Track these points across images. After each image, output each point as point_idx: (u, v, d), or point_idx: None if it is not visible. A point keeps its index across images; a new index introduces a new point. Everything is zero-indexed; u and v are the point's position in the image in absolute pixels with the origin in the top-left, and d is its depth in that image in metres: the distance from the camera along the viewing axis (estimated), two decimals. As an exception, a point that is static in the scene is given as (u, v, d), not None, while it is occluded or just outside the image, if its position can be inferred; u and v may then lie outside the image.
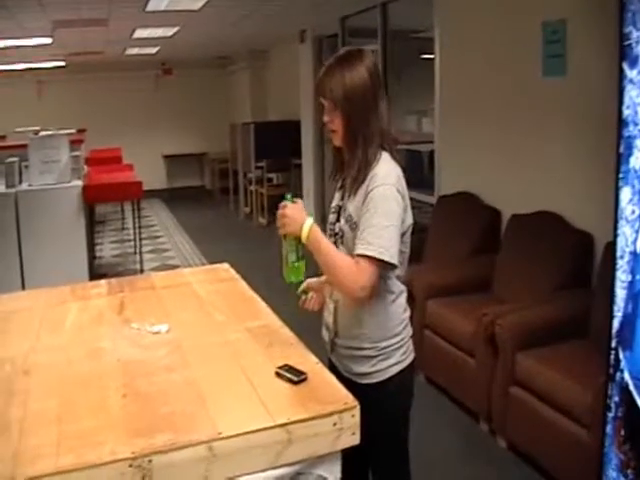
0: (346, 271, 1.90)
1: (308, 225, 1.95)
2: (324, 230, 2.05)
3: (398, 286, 2.08)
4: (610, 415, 2.24)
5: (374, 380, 2.06)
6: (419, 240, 5.18)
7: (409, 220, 2.02)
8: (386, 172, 1.96)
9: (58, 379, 1.98)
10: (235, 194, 11.24)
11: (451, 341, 4.06)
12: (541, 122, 4.28)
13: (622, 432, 2.18)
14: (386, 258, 1.87)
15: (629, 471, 2.12)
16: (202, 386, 1.89)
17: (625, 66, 2.10)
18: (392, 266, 1.92)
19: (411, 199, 2.05)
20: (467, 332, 3.83)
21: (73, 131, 7.96)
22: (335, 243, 2.07)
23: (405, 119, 7.10)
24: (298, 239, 1.98)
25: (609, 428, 2.25)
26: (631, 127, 2.10)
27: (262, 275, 5.40)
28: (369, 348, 2.06)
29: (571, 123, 4.00)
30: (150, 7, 6.25)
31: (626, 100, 2.11)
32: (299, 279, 2.07)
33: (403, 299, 2.11)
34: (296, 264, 2.03)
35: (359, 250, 1.90)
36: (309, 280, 2.35)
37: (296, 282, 2.08)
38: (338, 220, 2.10)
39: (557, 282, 3.83)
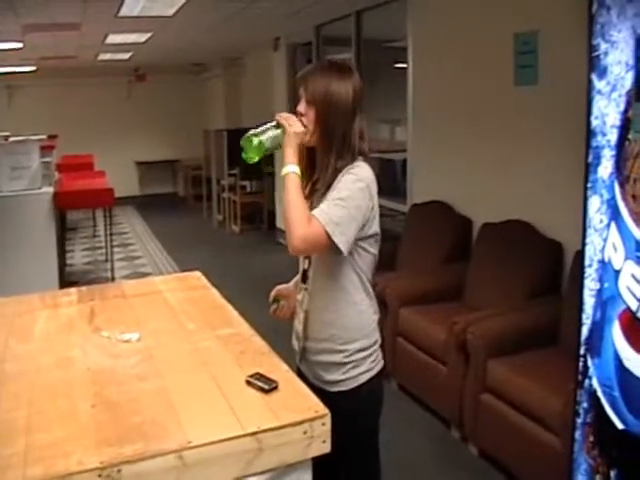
0: (300, 216, 1.92)
1: (294, 167, 1.99)
2: None
3: (367, 287, 2.09)
4: (579, 421, 2.27)
5: (344, 388, 2.08)
6: (392, 248, 5.21)
7: (375, 228, 2.04)
8: (362, 171, 1.99)
9: (27, 388, 1.95)
10: (208, 201, 11.20)
11: (423, 349, 4.07)
12: (512, 132, 4.33)
13: (591, 438, 2.20)
14: (329, 229, 1.89)
15: (598, 476, 2.14)
16: (172, 395, 1.87)
17: (594, 77, 2.13)
18: (335, 245, 1.91)
19: (384, 207, 2.07)
20: (439, 340, 3.85)
21: (44, 137, 7.90)
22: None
23: (379, 128, 7.13)
24: (281, 139, 2.02)
25: (578, 434, 2.27)
26: (599, 137, 2.13)
27: (234, 283, 5.40)
28: (340, 351, 2.07)
29: (542, 133, 4.05)
30: (123, 12, 6.21)
31: (594, 110, 2.14)
32: (249, 156, 2.05)
33: (372, 300, 2.13)
34: (258, 144, 2.02)
35: (314, 211, 1.93)
36: (278, 287, 2.36)
37: (245, 156, 2.05)
38: None
39: (528, 290, 3.87)
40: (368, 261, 2.06)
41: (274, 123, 2.06)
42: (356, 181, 1.96)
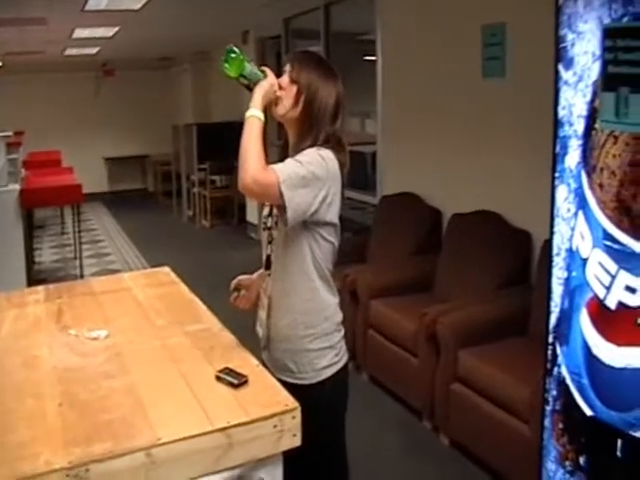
0: (256, 158, 1.91)
1: (259, 113, 1.99)
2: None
3: (326, 275, 2.09)
4: (548, 409, 2.28)
5: (306, 382, 2.07)
6: (362, 240, 5.22)
7: (332, 216, 2.03)
8: (326, 153, 1.99)
9: (-8, 388, 1.92)
10: (178, 197, 11.12)
11: (394, 340, 4.08)
12: (481, 123, 4.35)
13: (560, 425, 2.22)
14: (281, 179, 1.88)
15: (567, 462, 2.16)
16: (141, 392, 1.86)
17: (560, 67, 2.14)
18: (282, 200, 1.90)
19: (354, 200, 2.07)
20: (409, 331, 3.86)
21: (10, 134, 7.76)
22: (269, 237, 2.13)
23: (348, 120, 7.11)
24: (257, 81, 2.03)
25: (547, 421, 2.29)
26: (566, 127, 2.14)
27: (204, 278, 5.36)
28: (302, 336, 2.07)
29: (510, 124, 4.07)
30: (89, 6, 6.14)
31: (561, 101, 2.15)
32: (226, 67, 2.03)
33: (331, 286, 2.13)
34: (240, 62, 2.01)
35: (272, 165, 1.94)
36: (240, 277, 2.35)
37: (224, 64, 2.04)
38: (270, 214, 2.14)
39: (497, 280, 3.89)
40: (326, 250, 2.06)
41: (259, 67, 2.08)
42: (317, 154, 1.97)
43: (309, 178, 1.92)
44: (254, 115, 1.99)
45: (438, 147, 4.84)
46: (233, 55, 2.02)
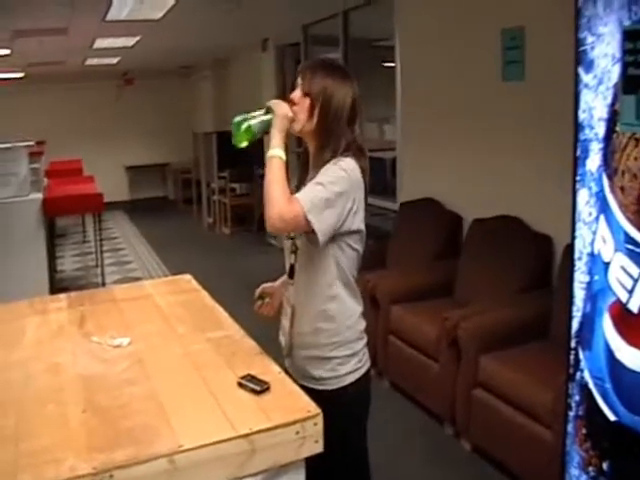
0: (279, 194, 1.92)
1: (280, 152, 1.99)
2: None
3: (350, 282, 2.09)
4: (571, 414, 2.27)
5: (329, 387, 2.07)
6: (383, 246, 5.21)
7: (358, 224, 2.03)
8: (346, 163, 1.99)
9: (16, 396, 1.93)
10: (198, 204, 11.16)
11: (415, 346, 4.07)
12: (501, 127, 4.34)
13: (583, 430, 2.20)
14: (306, 209, 1.89)
15: (590, 468, 2.14)
16: (163, 399, 1.86)
17: (581, 71, 2.13)
18: (310, 227, 1.91)
19: (374, 206, 2.07)
20: (431, 337, 3.85)
21: (32, 143, 7.84)
22: (292, 246, 2.12)
23: (367, 126, 7.12)
24: (270, 125, 2.03)
25: (570, 427, 2.27)
26: (587, 130, 2.13)
27: (225, 285, 5.38)
28: (325, 344, 2.07)
29: (530, 128, 4.05)
30: (110, 16, 6.18)
31: (582, 104, 2.14)
32: (237, 140, 2.04)
33: (355, 294, 2.13)
34: (247, 129, 2.02)
35: (296, 194, 1.94)
36: (264, 285, 2.36)
37: (234, 140, 2.04)
38: None
39: (518, 285, 3.87)
40: (351, 257, 2.06)
41: (263, 110, 2.07)
42: (338, 169, 1.97)
43: (333, 199, 1.93)
44: (275, 155, 1.99)
45: (458, 152, 4.83)
46: (243, 126, 2.03)
